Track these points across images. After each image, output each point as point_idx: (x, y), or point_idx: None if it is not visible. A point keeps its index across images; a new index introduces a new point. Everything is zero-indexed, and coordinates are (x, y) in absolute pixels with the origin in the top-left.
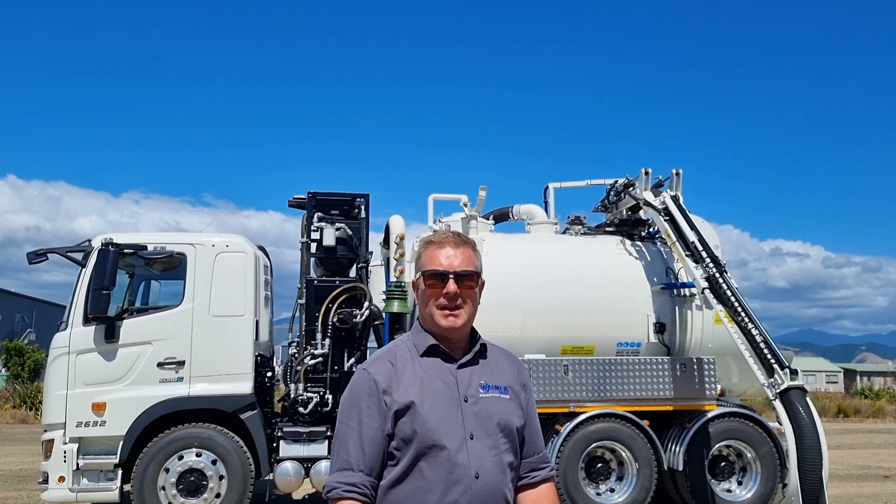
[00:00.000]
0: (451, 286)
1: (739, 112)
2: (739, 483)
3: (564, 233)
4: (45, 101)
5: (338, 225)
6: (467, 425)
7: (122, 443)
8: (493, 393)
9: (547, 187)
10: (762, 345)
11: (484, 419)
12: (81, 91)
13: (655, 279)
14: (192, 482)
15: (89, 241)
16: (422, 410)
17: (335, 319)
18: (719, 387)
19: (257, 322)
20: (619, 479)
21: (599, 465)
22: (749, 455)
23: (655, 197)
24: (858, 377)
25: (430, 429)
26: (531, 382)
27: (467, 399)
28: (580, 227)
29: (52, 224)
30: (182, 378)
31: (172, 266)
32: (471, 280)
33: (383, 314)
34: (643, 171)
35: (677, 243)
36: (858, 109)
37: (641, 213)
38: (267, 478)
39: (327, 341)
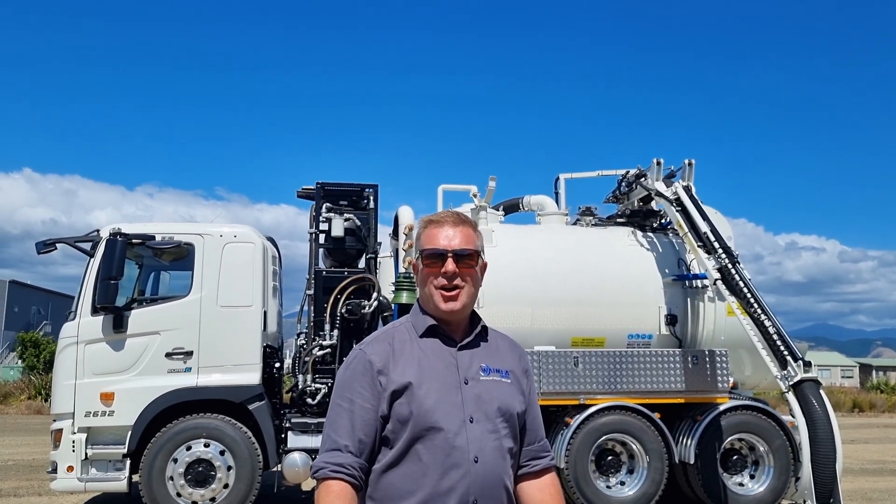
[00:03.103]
0: (450, 265)
1: (753, 104)
2: (752, 477)
3: (575, 224)
4: (58, 94)
5: (346, 215)
6: (467, 408)
7: (130, 433)
8: (494, 376)
9: (558, 178)
10: (775, 336)
11: (484, 402)
12: (95, 85)
13: (667, 271)
14: (200, 472)
15: (97, 231)
16: (419, 391)
17: (343, 310)
18: (732, 379)
19: (265, 313)
20: (630, 472)
21: (610, 457)
22: (762, 448)
23: (667, 187)
24: (874, 372)
25: (428, 410)
26: (534, 372)
27: (467, 381)
28: (591, 218)
29: (68, 217)
30: (190, 368)
31: (180, 256)
32: (470, 259)
33: (392, 305)
34: (655, 161)
35: (689, 234)
36: (875, 102)
37: (653, 203)
38: (275, 469)
39: (336, 332)
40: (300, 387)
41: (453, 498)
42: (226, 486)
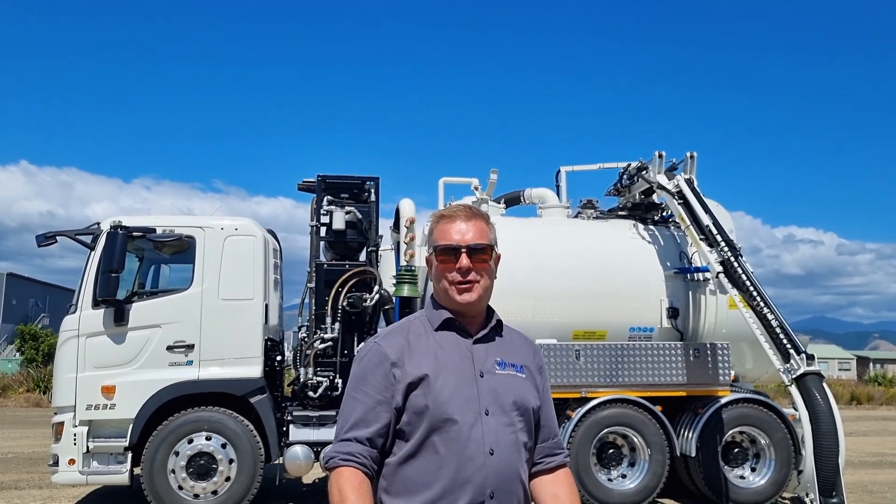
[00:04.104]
0: (464, 261)
1: (750, 96)
2: (753, 469)
3: (576, 217)
4: (54, 87)
5: (348, 208)
6: (482, 401)
7: (131, 426)
8: (509, 370)
9: (559, 171)
10: (778, 330)
11: (500, 396)
12: (91, 77)
13: (669, 264)
14: (201, 465)
15: (98, 223)
16: (435, 384)
17: (345, 303)
18: (733, 372)
19: (267, 306)
20: (631, 464)
21: (611, 450)
22: (763, 441)
23: (669, 180)
24: (871, 364)
25: (444, 402)
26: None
27: (483, 374)
28: (592, 211)
29: (65, 210)
30: (191, 361)
31: (181, 249)
32: (484, 254)
33: (393, 298)
34: (657, 154)
35: (691, 227)
36: (872, 94)
37: (654, 196)
38: (277, 462)
39: (337, 325)
40: (302, 380)
41: (469, 490)
42: (227, 479)
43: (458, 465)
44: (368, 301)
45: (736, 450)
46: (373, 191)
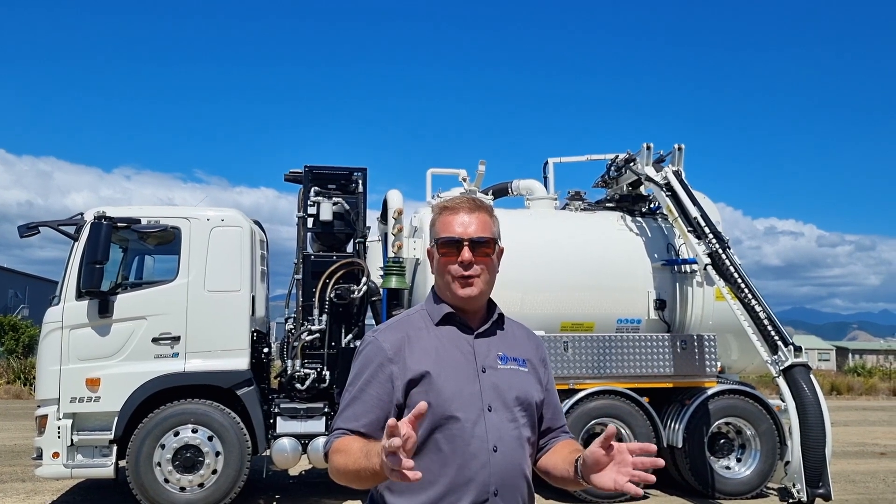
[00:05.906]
0: (466, 254)
1: (732, 89)
2: (738, 460)
3: (564, 208)
4: (33, 75)
5: (335, 199)
6: (485, 397)
7: (116, 419)
8: (511, 365)
9: (546, 162)
10: (766, 321)
11: (502, 391)
12: (69, 66)
13: (656, 255)
14: (188, 458)
15: (82, 214)
16: (437, 381)
17: (332, 295)
18: (719, 364)
19: (253, 297)
20: None
21: None
22: (748, 432)
23: (657, 172)
24: (850, 355)
25: (446, 399)
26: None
27: (485, 370)
28: (580, 202)
29: (44, 199)
30: (177, 354)
31: (167, 240)
32: (487, 247)
33: (381, 290)
34: (645, 145)
35: (679, 219)
36: (852, 87)
37: (642, 188)
38: (264, 454)
39: (324, 317)
40: (289, 372)
41: (474, 488)
42: (214, 471)
43: (461, 463)
44: (356, 293)
45: (722, 440)
46: (360, 182)
